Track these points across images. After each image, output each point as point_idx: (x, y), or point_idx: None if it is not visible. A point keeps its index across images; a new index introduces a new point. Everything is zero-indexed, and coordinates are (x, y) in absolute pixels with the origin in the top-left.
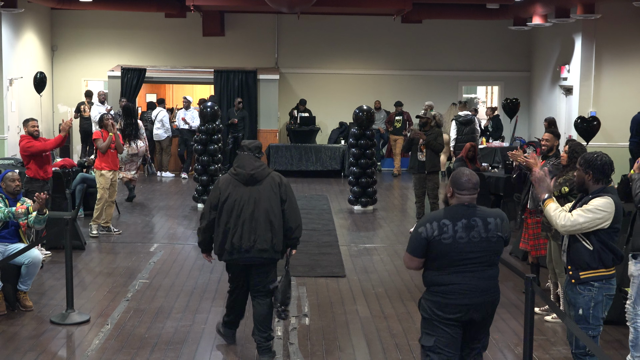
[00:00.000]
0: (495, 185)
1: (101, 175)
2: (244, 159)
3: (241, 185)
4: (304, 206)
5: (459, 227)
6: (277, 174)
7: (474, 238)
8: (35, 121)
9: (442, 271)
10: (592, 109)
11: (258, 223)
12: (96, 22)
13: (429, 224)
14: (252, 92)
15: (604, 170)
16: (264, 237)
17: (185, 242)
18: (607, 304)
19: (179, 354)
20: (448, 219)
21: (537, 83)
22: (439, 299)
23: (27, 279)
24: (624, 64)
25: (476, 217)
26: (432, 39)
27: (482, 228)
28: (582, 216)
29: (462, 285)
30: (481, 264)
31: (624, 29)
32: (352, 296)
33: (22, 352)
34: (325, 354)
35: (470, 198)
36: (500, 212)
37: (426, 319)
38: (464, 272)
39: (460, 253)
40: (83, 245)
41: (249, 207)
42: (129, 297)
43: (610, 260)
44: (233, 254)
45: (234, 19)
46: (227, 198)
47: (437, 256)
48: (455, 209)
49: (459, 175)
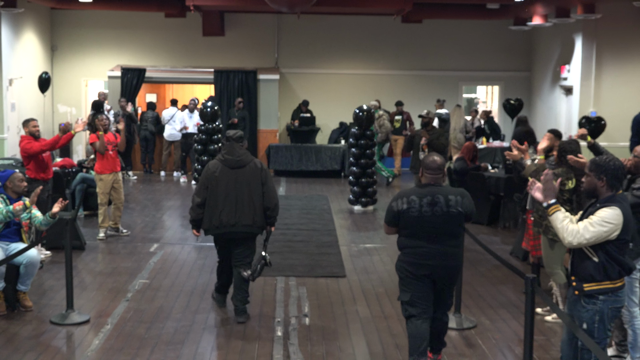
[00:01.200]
0: (496, 185)
1: (100, 180)
2: (230, 147)
3: (228, 169)
4: (304, 206)
5: (424, 203)
6: (258, 161)
7: (437, 212)
8: (36, 121)
9: (412, 237)
10: (592, 109)
11: (243, 202)
12: (96, 22)
13: (400, 200)
14: (252, 92)
15: (617, 175)
16: (247, 214)
17: (185, 243)
18: (613, 317)
19: (179, 354)
20: (415, 196)
21: (537, 83)
22: (411, 259)
23: (26, 279)
24: (625, 63)
25: (439, 194)
26: (432, 39)
27: (444, 204)
28: (588, 231)
29: (428, 249)
30: (444, 234)
31: (625, 28)
32: (353, 296)
33: (22, 352)
34: (326, 354)
35: (434, 177)
36: (462, 190)
37: (402, 278)
38: (429, 239)
39: (425, 224)
40: (83, 246)
41: (235, 189)
42: (129, 298)
43: (616, 273)
44: (220, 228)
45: (234, 19)
46: (217, 180)
47: (406, 225)
48: (422, 187)
49: (427, 158)
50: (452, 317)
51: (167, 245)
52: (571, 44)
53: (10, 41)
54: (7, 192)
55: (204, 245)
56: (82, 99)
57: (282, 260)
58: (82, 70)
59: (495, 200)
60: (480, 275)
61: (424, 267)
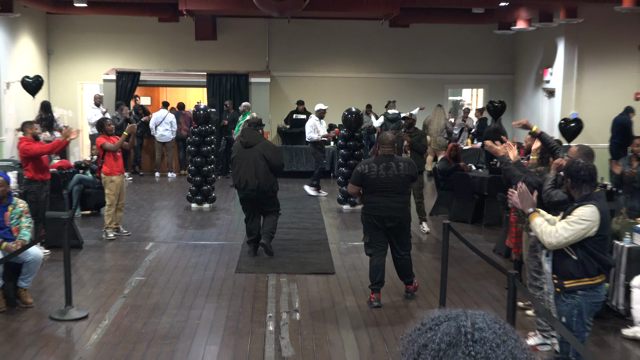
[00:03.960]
0: (480, 185)
1: (111, 182)
2: (246, 131)
3: (242, 148)
4: (295, 206)
5: (381, 168)
6: (266, 141)
7: (390, 175)
8: (36, 124)
9: (371, 194)
10: (574, 111)
11: (249, 173)
12: (91, 27)
13: (364, 165)
14: (243, 94)
15: (579, 176)
16: (252, 182)
17: (179, 241)
18: (592, 311)
19: (174, 348)
20: (374, 163)
21: (521, 86)
22: (369, 210)
23: (28, 276)
24: (606, 67)
25: (392, 162)
26: (419, 43)
27: (395, 169)
28: (566, 230)
29: (381, 203)
30: (394, 192)
31: (606, 33)
32: (341, 292)
33: (23, 347)
34: (315, 347)
35: (387, 150)
36: (409, 159)
37: (364, 225)
38: (383, 195)
39: (381, 184)
40: (80, 244)
41: (246, 163)
42: (126, 294)
43: (595, 270)
44: (239, 191)
45: (226, 24)
46: (236, 156)
47: (367, 185)
48: (380, 157)
49: (382, 136)
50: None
51: (162, 244)
52: (554, 48)
53: (6, 45)
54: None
55: (198, 244)
56: (78, 102)
57: (273, 258)
58: (77, 74)
59: (479, 199)
60: (464, 272)
61: (378, 217)
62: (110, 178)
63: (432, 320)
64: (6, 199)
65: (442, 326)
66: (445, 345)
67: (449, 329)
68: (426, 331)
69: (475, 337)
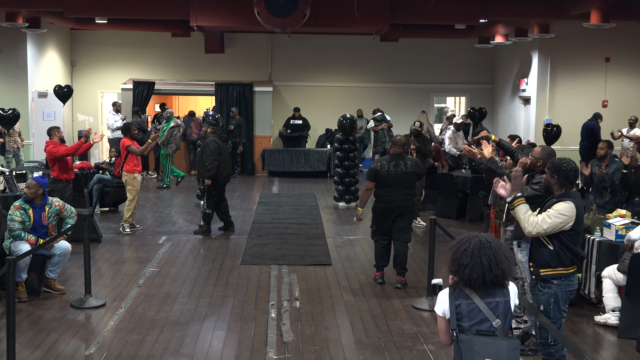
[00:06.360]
0: (463, 183)
1: (134, 179)
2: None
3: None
4: (295, 203)
5: (391, 166)
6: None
7: (399, 172)
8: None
9: (383, 189)
10: (547, 117)
11: (228, 163)
12: (111, 41)
13: (377, 163)
14: (248, 102)
15: (568, 176)
16: (229, 169)
17: (190, 235)
18: (567, 299)
19: (184, 333)
20: (386, 162)
21: (499, 94)
22: (380, 202)
23: (57, 267)
24: (576, 77)
25: (401, 160)
26: (407, 56)
27: (404, 167)
28: (545, 222)
29: (390, 196)
30: (402, 186)
31: (576, 46)
32: (338, 282)
33: (45, 332)
34: (314, 333)
35: (398, 150)
36: (416, 159)
37: (374, 215)
38: (393, 189)
39: (391, 179)
40: (99, 238)
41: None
42: (140, 284)
43: (569, 260)
44: (222, 179)
45: (233, 38)
46: (220, 150)
47: (379, 180)
48: (391, 156)
49: (395, 138)
50: (425, 300)
51: (174, 238)
52: (529, 60)
53: (35, 58)
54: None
55: (206, 238)
56: (98, 108)
57: (275, 250)
58: (98, 83)
59: (463, 197)
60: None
61: (387, 208)
62: (132, 175)
63: (466, 237)
64: (41, 200)
65: (472, 240)
66: (475, 248)
67: (475, 240)
68: (463, 243)
69: (489, 244)
